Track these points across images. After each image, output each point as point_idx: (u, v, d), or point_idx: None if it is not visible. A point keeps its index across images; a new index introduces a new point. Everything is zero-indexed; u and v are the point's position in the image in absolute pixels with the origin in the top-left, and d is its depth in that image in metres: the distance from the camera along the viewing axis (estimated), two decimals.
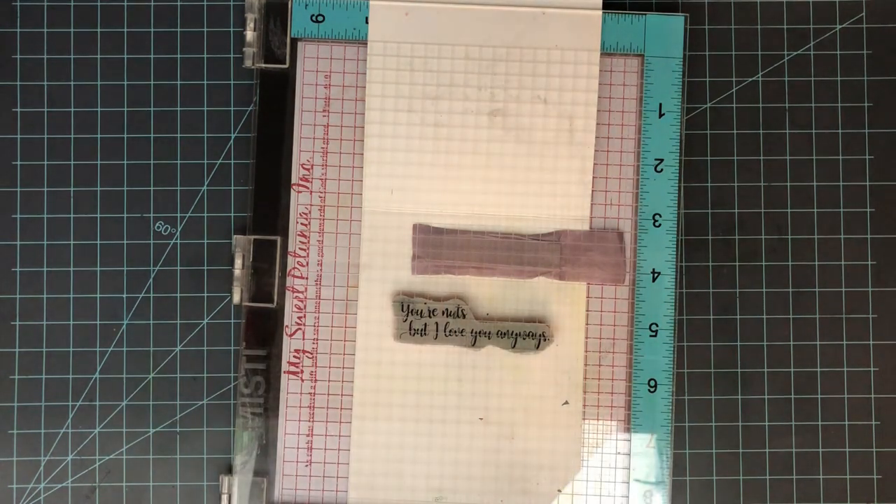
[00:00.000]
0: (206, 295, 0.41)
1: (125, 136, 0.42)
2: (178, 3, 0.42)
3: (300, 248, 0.41)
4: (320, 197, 0.41)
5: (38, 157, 0.42)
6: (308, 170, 0.41)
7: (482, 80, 0.40)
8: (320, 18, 0.41)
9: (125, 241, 0.42)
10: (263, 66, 0.41)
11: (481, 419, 0.40)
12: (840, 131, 0.42)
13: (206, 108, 0.42)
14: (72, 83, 0.42)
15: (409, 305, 0.40)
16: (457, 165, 0.41)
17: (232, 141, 0.42)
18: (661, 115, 0.41)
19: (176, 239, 0.42)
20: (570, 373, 0.40)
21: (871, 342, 0.41)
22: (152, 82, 0.42)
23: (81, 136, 0.42)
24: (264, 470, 0.40)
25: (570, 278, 0.41)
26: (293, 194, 0.41)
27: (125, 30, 0.42)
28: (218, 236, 0.42)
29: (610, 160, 0.41)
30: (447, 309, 0.40)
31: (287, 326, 0.41)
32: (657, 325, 0.40)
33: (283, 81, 0.41)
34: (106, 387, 0.41)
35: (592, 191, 0.41)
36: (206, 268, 0.41)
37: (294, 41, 0.41)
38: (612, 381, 0.41)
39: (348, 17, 0.41)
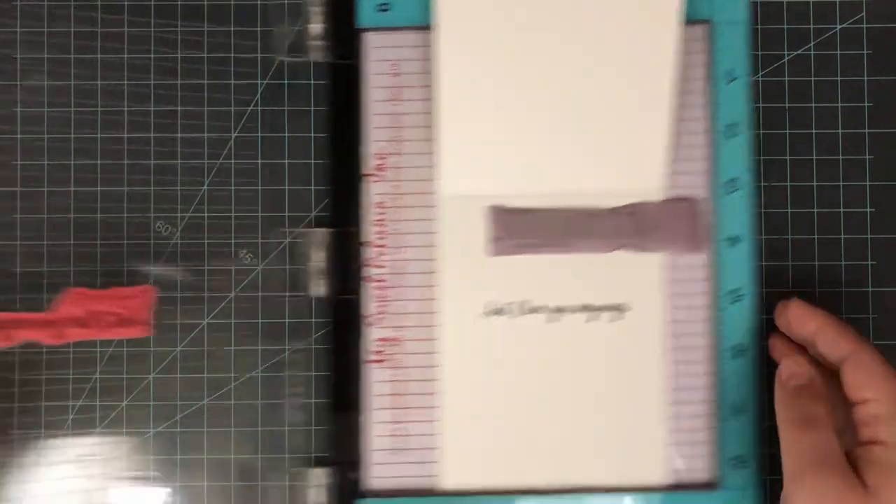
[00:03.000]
0: (206, 295, 0.41)
1: (125, 135, 0.42)
2: (179, 3, 0.42)
3: (377, 237, 0.41)
4: (394, 186, 0.41)
5: (38, 157, 0.42)
6: (381, 159, 0.41)
7: (554, 52, 0.39)
8: (386, 7, 0.41)
9: (125, 242, 0.41)
10: (331, 60, 0.41)
11: (569, 394, 0.40)
12: (840, 131, 0.42)
13: (205, 108, 0.42)
14: (71, 83, 0.42)
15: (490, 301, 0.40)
16: (530, 143, 0.40)
17: (232, 141, 0.42)
18: (730, 81, 0.41)
19: (176, 239, 0.42)
20: (652, 344, 0.40)
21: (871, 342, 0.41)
22: (152, 82, 0.42)
23: (81, 135, 0.42)
24: (354, 460, 0.40)
25: (648, 249, 0.40)
26: (367, 185, 0.41)
27: (125, 30, 0.42)
28: (218, 236, 0.42)
29: (681, 128, 0.41)
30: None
31: (368, 316, 0.41)
32: (740, 291, 0.40)
33: (350, 73, 0.41)
34: (106, 387, 0.41)
35: (667, 160, 0.40)
36: (206, 267, 0.41)
37: (360, 32, 0.41)
38: (694, 349, 0.40)
39: (415, 3, 0.41)
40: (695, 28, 0.41)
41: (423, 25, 0.41)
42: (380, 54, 0.41)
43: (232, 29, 0.42)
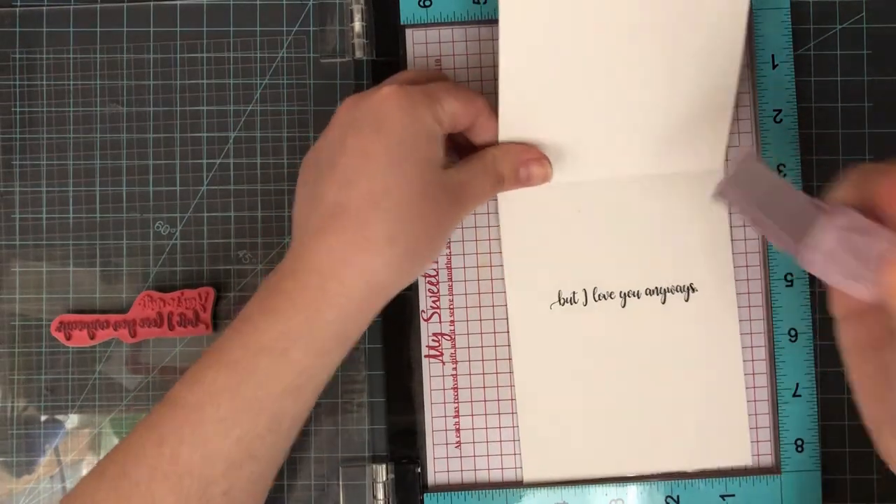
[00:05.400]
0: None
1: (124, 136, 0.42)
2: (178, 3, 0.42)
3: None
4: None
5: (37, 157, 0.42)
6: None
7: (620, 37, 0.38)
8: (428, 3, 0.41)
9: (125, 242, 0.42)
10: (374, 57, 0.41)
11: (641, 378, 0.40)
12: (840, 131, 0.42)
13: (205, 108, 0.42)
14: (70, 83, 0.42)
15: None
16: (588, 130, 0.40)
17: (232, 141, 0.42)
18: (774, 67, 0.41)
19: (176, 239, 0.42)
20: (725, 324, 0.40)
21: None
22: (151, 82, 0.42)
23: (80, 136, 0.42)
24: (415, 455, 0.41)
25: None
26: None
27: (125, 29, 0.42)
28: (218, 236, 0.42)
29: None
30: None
31: (423, 311, 0.41)
32: (792, 276, 0.40)
33: (394, 71, 0.41)
34: (106, 387, 0.41)
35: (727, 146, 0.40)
36: (205, 268, 0.41)
37: (402, 28, 0.41)
38: (753, 333, 0.41)
39: None
40: None
41: (465, 20, 0.41)
42: (423, 50, 0.41)
43: (231, 29, 0.42)
